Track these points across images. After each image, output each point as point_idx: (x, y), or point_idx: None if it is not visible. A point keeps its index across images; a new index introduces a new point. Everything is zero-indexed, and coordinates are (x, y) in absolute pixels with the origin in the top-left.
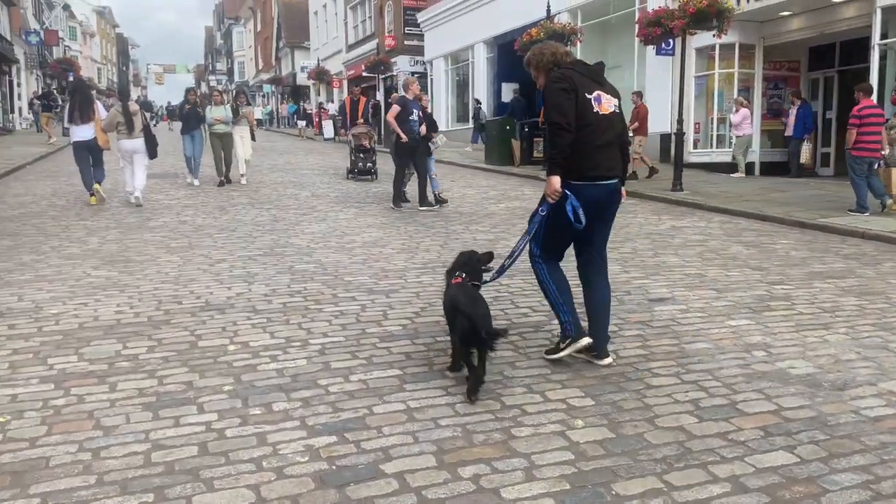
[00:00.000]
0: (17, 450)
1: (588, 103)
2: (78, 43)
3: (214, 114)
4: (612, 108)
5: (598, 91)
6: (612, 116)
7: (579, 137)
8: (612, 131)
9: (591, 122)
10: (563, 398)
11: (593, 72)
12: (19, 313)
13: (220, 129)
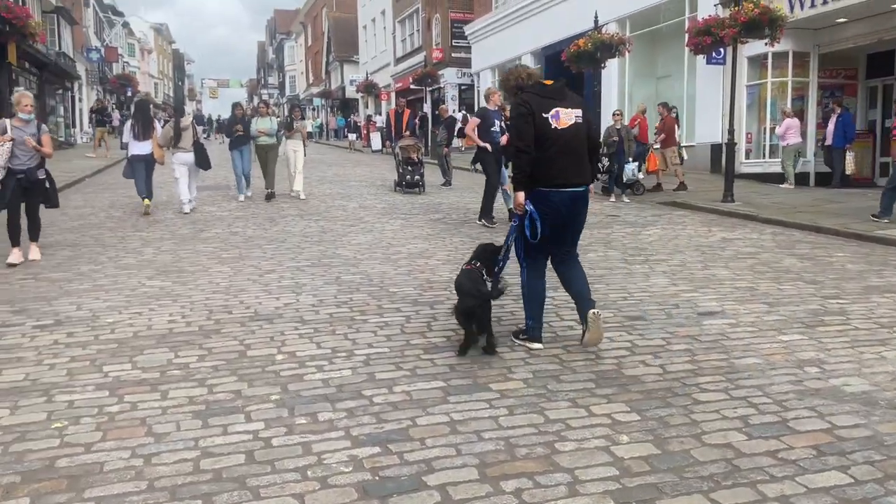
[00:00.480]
0: (74, 454)
1: (545, 121)
2: (136, 59)
3: (259, 125)
4: (573, 119)
5: (557, 108)
6: (572, 128)
7: (542, 151)
8: (574, 141)
9: (549, 137)
10: (608, 413)
11: (551, 91)
12: (77, 322)
13: (264, 141)
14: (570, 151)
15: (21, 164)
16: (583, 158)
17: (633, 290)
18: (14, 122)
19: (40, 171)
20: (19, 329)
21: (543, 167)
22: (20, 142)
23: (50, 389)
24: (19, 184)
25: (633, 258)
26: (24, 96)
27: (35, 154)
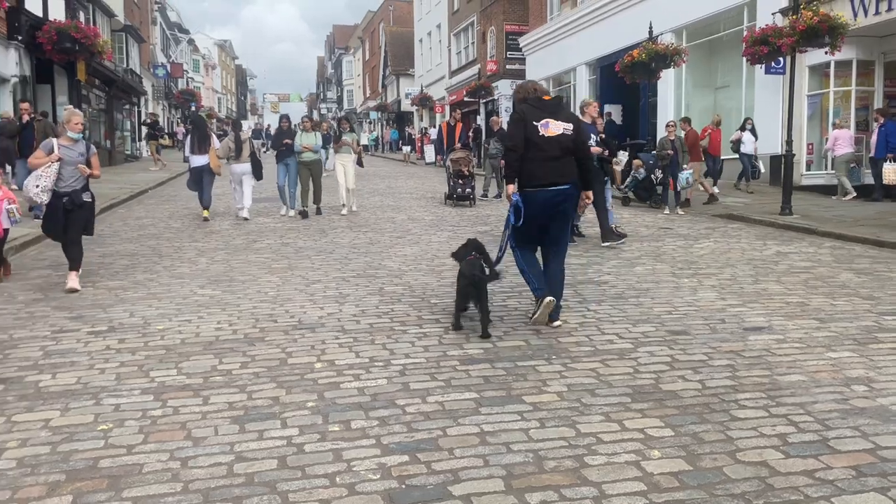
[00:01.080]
0: (116, 455)
1: (535, 128)
2: (200, 74)
3: (303, 141)
4: (561, 131)
5: (547, 119)
6: (559, 137)
7: (529, 154)
8: (558, 148)
9: (537, 142)
10: (642, 427)
11: (545, 105)
12: (129, 328)
13: (308, 157)
14: (555, 156)
15: (66, 186)
16: (566, 163)
17: (679, 304)
18: (62, 140)
19: (86, 194)
20: (75, 335)
21: (531, 167)
22: (68, 162)
23: (99, 393)
24: (63, 206)
25: (682, 272)
26: (74, 114)
27: (81, 176)
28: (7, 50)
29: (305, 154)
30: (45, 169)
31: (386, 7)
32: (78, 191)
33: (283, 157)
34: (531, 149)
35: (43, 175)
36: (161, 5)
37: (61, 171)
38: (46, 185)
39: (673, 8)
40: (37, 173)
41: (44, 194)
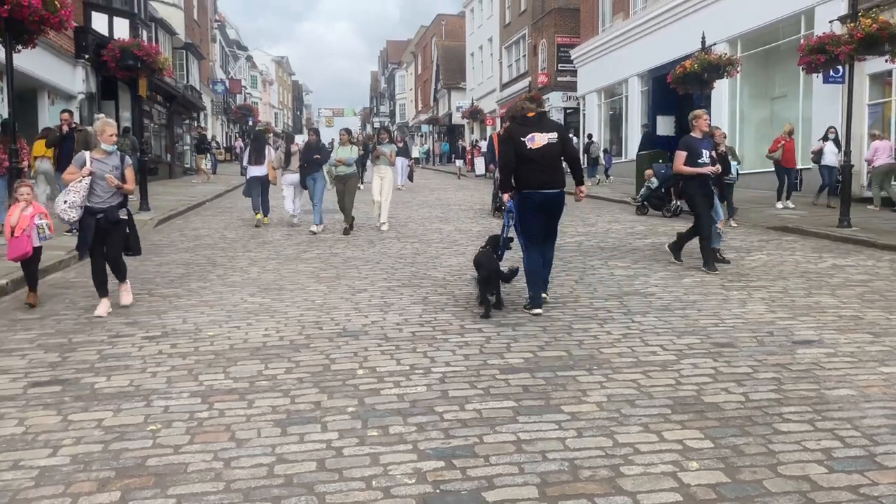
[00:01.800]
0: (163, 455)
1: (523, 143)
2: (258, 90)
3: (338, 154)
4: (546, 141)
5: (533, 133)
6: (546, 147)
7: (522, 164)
8: (547, 157)
9: (525, 154)
10: (681, 439)
11: (529, 120)
12: (181, 334)
13: (342, 170)
14: (543, 165)
15: (100, 203)
16: (555, 169)
17: (726, 316)
18: (95, 154)
19: (121, 211)
20: (130, 339)
21: (523, 175)
22: (100, 177)
23: (150, 395)
24: (97, 224)
25: (732, 284)
26: (107, 124)
27: (116, 192)
28: (74, 68)
29: (340, 168)
30: (76, 184)
31: (438, 22)
32: (114, 207)
33: (311, 172)
34: (523, 161)
35: (72, 190)
36: (220, 23)
37: (94, 186)
38: (75, 201)
39: (727, 18)
40: (67, 188)
41: (72, 211)
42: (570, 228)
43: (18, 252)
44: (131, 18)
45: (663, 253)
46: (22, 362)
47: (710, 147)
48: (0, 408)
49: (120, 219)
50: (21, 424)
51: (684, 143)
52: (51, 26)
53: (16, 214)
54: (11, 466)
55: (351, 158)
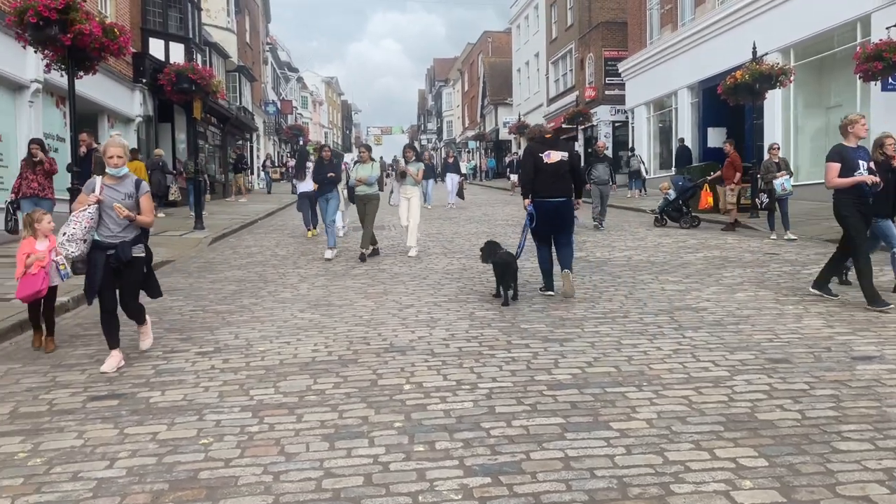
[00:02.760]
0: (215, 468)
1: (540, 158)
2: (308, 110)
3: (359, 173)
4: (559, 158)
5: (548, 150)
6: (558, 163)
7: (538, 176)
8: (559, 171)
9: (542, 168)
10: (734, 457)
11: (547, 141)
12: (233, 349)
13: (362, 190)
14: (555, 178)
15: (110, 236)
16: (563, 181)
17: (781, 331)
18: (106, 179)
19: (137, 248)
20: (184, 355)
21: (539, 185)
22: (109, 205)
23: (202, 409)
24: (108, 262)
25: (787, 298)
26: (111, 145)
27: (131, 224)
28: (133, 92)
29: (360, 188)
30: (80, 212)
31: (485, 39)
32: (127, 243)
33: (325, 191)
34: (539, 172)
35: (74, 220)
36: (272, 46)
37: (104, 216)
38: (76, 234)
39: (779, 27)
40: (70, 218)
41: (72, 245)
42: (620, 243)
43: (30, 290)
44: (186, 43)
45: (715, 267)
46: (82, 377)
47: (868, 157)
48: (61, 421)
49: (134, 257)
50: (80, 437)
51: (836, 154)
52: (110, 53)
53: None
54: (71, 478)
55: (372, 177)
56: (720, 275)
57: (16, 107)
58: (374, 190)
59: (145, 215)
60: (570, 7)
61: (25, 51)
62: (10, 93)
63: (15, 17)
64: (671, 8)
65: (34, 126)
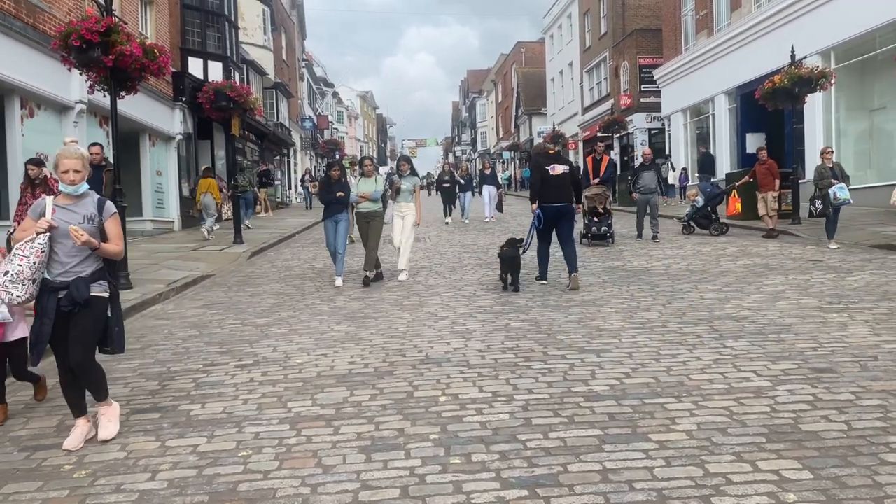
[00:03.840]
0: (253, 480)
1: (546, 171)
2: (344, 125)
3: (361, 188)
4: (561, 171)
5: (553, 164)
6: (561, 175)
7: (544, 185)
8: (561, 181)
9: (547, 178)
10: (776, 469)
11: (550, 156)
12: (272, 362)
13: (366, 207)
14: (557, 186)
15: (63, 272)
16: (565, 189)
17: (825, 340)
18: (59, 199)
19: (96, 285)
20: (223, 368)
21: (545, 192)
22: (64, 233)
23: (241, 422)
24: (59, 307)
25: (831, 306)
26: (66, 156)
27: (90, 254)
28: (173, 111)
29: (363, 205)
30: (26, 244)
31: (518, 49)
32: (82, 280)
33: (333, 213)
34: (545, 182)
35: (19, 254)
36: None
37: (55, 246)
38: (21, 272)
39: (818, 30)
40: (12, 253)
41: (17, 287)
42: (658, 251)
43: None
44: (224, 61)
45: (755, 275)
46: (125, 390)
47: None
48: None
49: (92, 296)
50: (123, 449)
51: None
52: (151, 73)
53: None
54: (114, 490)
55: (377, 192)
56: (761, 283)
57: (62, 127)
58: (379, 207)
59: (112, 243)
60: (604, 15)
61: (70, 73)
62: (56, 114)
63: (60, 40)
64: (706, 13)
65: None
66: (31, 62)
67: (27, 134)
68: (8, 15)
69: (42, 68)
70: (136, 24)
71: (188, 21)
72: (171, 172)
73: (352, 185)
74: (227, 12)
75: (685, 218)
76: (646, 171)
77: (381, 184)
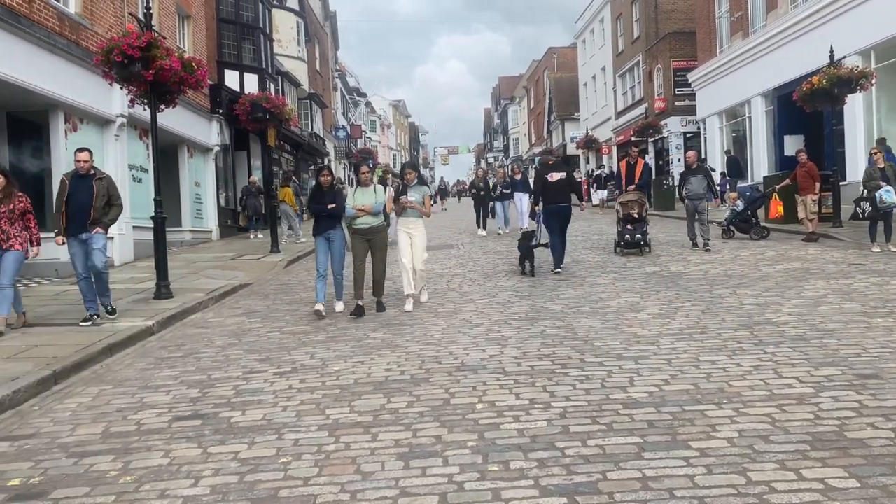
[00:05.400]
0: (293, 486)
1: (546, 178)
2: (377, 133)
3: (358, 200)
4: (559, 177)
5: (552, 172)
6: (559, 180)
7: (545, 190)
8: (559, 186)
9: (547, 185)
10: (822, 478)
11: (550, 165)
12: (310, 369)
13: (365, 222)
14: (555, 190)
15: None
16: (563, 193)
17: (870, 345)
18: None
19: None
20: (262, 375)
21: (546, 196)
22: None
23: (281, 429)
24: None
25: (876, 311)
26: None
27: None
28: (210, 122)
29: (361, 220)
30: None
31: (550, 55)
32: None
33: (325, 228)
34: (545, 187)
35: None
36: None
37: None
38: None
39: (857, 29)
40: None
41: None
42: (695, 256)
43: None
44: (260, 73)
45: (796, 279)
46: (167, 398)
47: None
48: (148, 440)
49: None
50: (167, 456)
51: None
52: (189, 86)
53: None
54: (159, 496)
55: (378, 205)
56: (802, 287)
57: (104, 141)
58: (381, 221)
59: None
60: (637, 19)
61: (111, 88)
62: (98, 128)
63: (102, 56)
64: (741, 15)
65: (120, 158)
66: (74, 78)
67: (71, 147)
68: (52, 33)
69: (85, 83)
70: (174, 38)
71: (224, 34)
72: (209, 183)
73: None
74: (262, 25)
75: (724, 222)
76: (693, 176)
77: (381, 195)
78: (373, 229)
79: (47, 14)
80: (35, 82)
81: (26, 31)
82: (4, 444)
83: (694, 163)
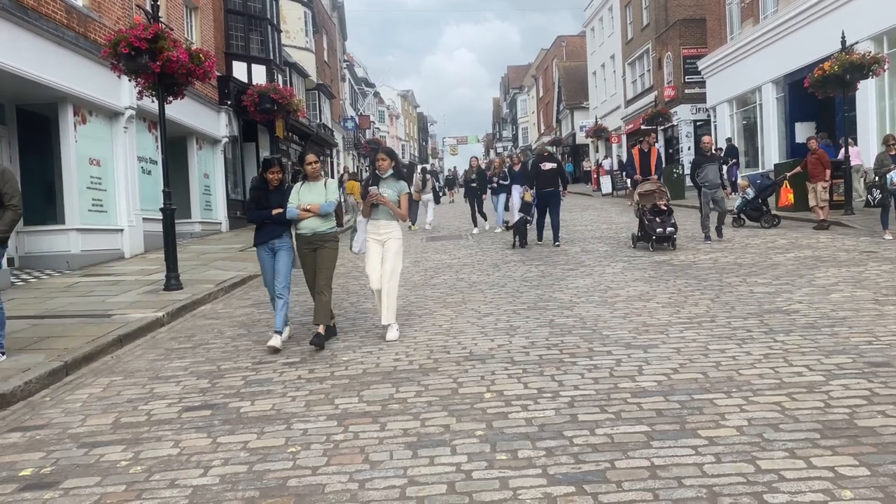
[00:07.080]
0: (302, 476)
1: (540, 168)
2: (385, 124)
3: (303, 197)
4: (550, 167)
5: (545, 162)
6: (549, 170)
7: (538, 177)
8: (550, 174)
9: (541, 172)
10: (832, 465)
11: (543, 157)
12: (318, 359)
13: (309, 227)
14: (548, 178)
15: None
16: (554, 180)
17: (881, 333)
18: None
19: None
20: (272, 366)
21: (539, 182)
22: None
23: (290, 418)
24: None
25: (887, 298)
26: None
27: None
28: (218, 114)
29: (305, 223)
30: None
31: (558, 44)
32: None
33: (268, 236)
34: (539, 175)
35: None
36: (349, 63)
37: None
38: None
39: (869, 14)
40: None
41: None
42: (705, 245)
43: None
44: (268, 65)
45: (807, 267)
46: (177, 388)
47: None
48: (158, 430)
49: None
50: (176, 446)
51: None
52: (197, 77)
53: None
54: (168, 485)
55: (328, 204)
56: (812, 275)
57: (112, 133)
58: (331, 226)
59: None
60: (646, 6)
61: (120, 80)
62: (107, 120)
63: (110, 48)
64: (752, 1)
65: (129, 150)
66: (82, 70)
67: (80, 140)
68: (60, 25)
69: (93, 76)
70: (181, 30)
71: (232, 25)
72: (217, 175)
73: (291, 193)
74: (269, 16)
75: (735, 210)
76: (708, 164)
77: (333, 191)
78: (319, 236)
79: (55, 7)
80: (44, 75)
81: (35, 24)
82: (16, 435)
83: (709, 149)
